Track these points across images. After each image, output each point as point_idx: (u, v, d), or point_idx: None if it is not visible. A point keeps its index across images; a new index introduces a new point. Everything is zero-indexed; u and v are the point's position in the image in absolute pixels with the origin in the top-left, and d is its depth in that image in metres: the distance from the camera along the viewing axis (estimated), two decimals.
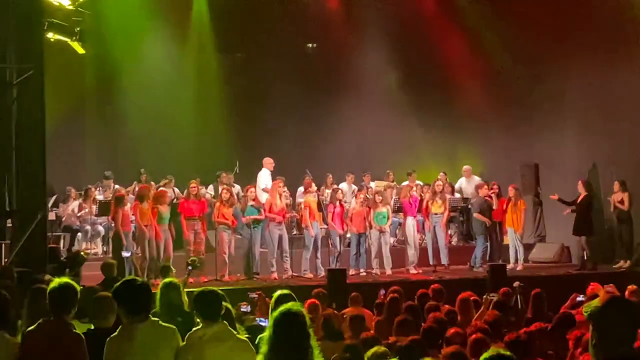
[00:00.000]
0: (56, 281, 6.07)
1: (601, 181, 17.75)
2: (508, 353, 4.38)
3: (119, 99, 19.41)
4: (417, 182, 18.10)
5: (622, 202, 16.20)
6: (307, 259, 15.63)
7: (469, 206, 17.84)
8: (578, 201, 16.31)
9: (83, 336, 5.89)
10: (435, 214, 16.53)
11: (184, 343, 5.69)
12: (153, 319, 5.72)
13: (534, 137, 19.18)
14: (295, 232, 17.02)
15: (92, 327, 6.27)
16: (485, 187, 17.07)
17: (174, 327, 5.77)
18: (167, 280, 7.78)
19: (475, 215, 16.79)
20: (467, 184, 18.98)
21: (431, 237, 16.65)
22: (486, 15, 19.35)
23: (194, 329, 5.79)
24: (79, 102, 19.00)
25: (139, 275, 13.77)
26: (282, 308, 4.68)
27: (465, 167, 19.34)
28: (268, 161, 17.29)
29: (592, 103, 18.00)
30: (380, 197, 16.25)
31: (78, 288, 6.13)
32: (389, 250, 16.22)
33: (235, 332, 5.86)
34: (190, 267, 12.65)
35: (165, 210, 14.90)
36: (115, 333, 5.65)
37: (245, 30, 20.33)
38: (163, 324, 5.75)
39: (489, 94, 19.97)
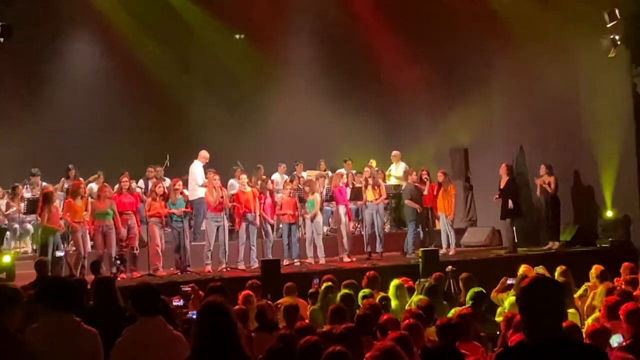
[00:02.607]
0: None
1: (528, 164, 18.04)
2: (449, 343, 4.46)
3: (44, 95, 19.05)
4: (352, 170, 18.14)
5: (548, 185, 16.45)
6: (241, 251, 15.55)
7: (401, 192, 17.96)
8: (502, 187, 16.50)
9: (20, 337, 5.67)
10: (371, 201, 16.60)
11: (121, 338, 5.63)
12: (75, 318, 5.59)
13: (463, 123, 19.40)
14: (228, 224, 16.91)
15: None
16: (415, 173, 17.16)
17: (96, 331, 5.62)
18: (101, 276, 7.74)
19: (406, 202, 16.86)
20: (395, 169, 19.13)
21: (367, 224, 16.69)
22: (412, 3, 19.52)
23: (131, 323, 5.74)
24: (2, 99, 18.59)
25: (74, 272, 13.59)
26: (205, 301, 4.69)
27: (394, 152, 19.46)
28: (203, 154, 17.12)
29: (518, 89, 18.29)
30: (308, 187, 16.23)
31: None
32: (321, 239, 16.20)
33: (171, 327, 5.81)
34: (119, 262, 12.53)
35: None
36: (33, 327, 5.49)
37: (172, 21, 20.11)
38: (85, 325, 5.61)
39: (417, 80, 20.12)
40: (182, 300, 9.30)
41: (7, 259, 13.89)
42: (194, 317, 7.31)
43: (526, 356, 3.71)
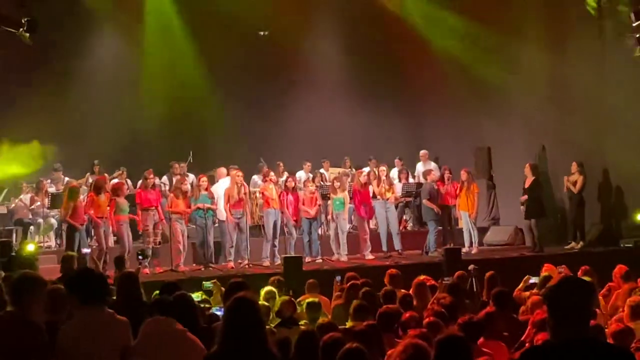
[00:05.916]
0: (19, 272, 5.96)
1: (551, 163, 17.92)
2: (461, 334, 4.44)
3: (68, 90, 19.13)
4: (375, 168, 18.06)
5: (573, 184, 16.26)
6: (266, 247, 15.54)
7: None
8: (527, 186, 16.34)
9: (43, 326, 5.71)
10: (387, 199, 16.54)
11: (141, 331, 5.65)
12: (108, 310, 5.64)
13: (485, 121, 19.31)
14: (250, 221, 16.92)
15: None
16: (433, 173, 17.08)
17: (127, 320, 5.69)
18: (125, 271, 7.76)
19: (424, 201, 16.79)
20: (423, 168, 19.07)
21: (381, 223, 16.62)
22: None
23: (152, 318, 5.76)
24: (28, 95, 18.69)
25: (97, 268, 13.66)
26: (234, 296, 4.68)
27: (422, 151, 19.44)
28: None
29: (542, 87, 18.16)
30: (339, 183, 16.23)
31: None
32: (345, 237, 16.17)
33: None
34: (141, 258, 12.57)
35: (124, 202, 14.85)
36: (70, 320, 5.53)
37: (197, 17, 20.14)
38: (117, 316, 5.66)
39: (439, 79, 20.05)
40: (202, 296, 9.33)
41: (31, 247, 13.97)
42: (217, 312, 7.36)
43: (552, 355, 3.69)
